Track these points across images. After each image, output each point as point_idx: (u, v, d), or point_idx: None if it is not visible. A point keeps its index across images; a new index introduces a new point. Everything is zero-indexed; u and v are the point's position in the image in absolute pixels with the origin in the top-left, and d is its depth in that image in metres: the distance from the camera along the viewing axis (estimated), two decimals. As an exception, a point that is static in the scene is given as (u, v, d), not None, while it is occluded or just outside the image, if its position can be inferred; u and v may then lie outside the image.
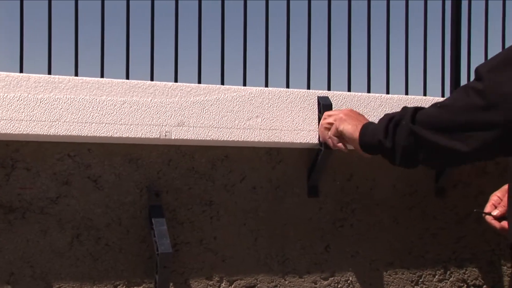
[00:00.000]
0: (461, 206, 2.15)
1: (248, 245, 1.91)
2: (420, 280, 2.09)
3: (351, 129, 1.64)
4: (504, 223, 1.71)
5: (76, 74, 2.54)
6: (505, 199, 1.71)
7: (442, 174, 2.08)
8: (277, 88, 1.90)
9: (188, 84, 1.81)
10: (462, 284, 2.14)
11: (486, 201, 2.13)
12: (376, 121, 1.93)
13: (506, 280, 2.20)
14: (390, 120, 1.47)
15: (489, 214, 1.76)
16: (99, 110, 1.71)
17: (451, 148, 1.33)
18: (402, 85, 3.01)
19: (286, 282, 1.94)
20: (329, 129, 1.77)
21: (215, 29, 2.65)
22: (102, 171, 1.78)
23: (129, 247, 1.80)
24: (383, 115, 1.54)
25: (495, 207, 1.76)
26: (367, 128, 1.59)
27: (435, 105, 1.38)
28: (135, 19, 2.60)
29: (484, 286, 2.17)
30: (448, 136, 1.32)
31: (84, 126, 1.69)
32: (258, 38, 2.76)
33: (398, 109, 1.97)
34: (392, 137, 1.45)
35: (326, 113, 1.81)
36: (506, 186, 1.69)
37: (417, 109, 1.42)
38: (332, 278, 1.98)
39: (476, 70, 1.30)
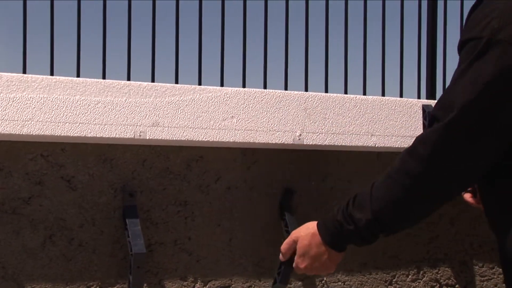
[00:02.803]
0: (434, 206, 2.17)
1: (223, 245, 1.91)
2: (394, 280, 2.11)
3: (336, 261, 1.47)
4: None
5: (52, 74, 2.53)
6: None
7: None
8: (252, 89, 1.90)
9: (163, 84, 1.81)
10: (435, 284, 2.16)
11: (459, 201, 2.16)
12: (351, 122, 1.95)
13: (478, 280, 2.22)
14: (360, 239, 1.37)
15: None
16: (73, 110, 1.70)
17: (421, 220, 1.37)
18: (379, 86, 3.03)
19: (261, 283, 1.94)
20: None
21: (193, 30, 2.65)
22: (75, 171, 1.77)
23: (102, 247, 1.79)
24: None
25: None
26: (336, 247, 1.44)
27: (387, 204, 1.29)
28: (112, 17, 2.58)
29: (457, 286, 2.19)
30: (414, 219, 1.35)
31: (58, 126, 1.68)
32: (236, 38, 2.76)
33: (373, 110, 2.00)
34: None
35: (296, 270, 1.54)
36: None
37: (374, 222, 1.31)
38: (307, 279, 1.99)
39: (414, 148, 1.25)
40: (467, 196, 1.95)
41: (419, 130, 2.06)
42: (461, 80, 1.19)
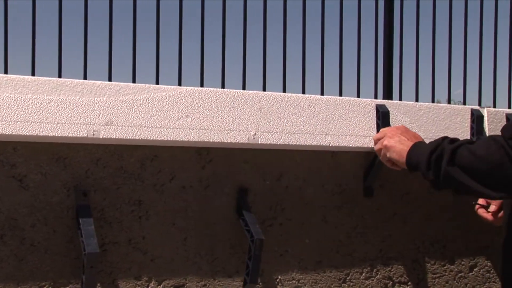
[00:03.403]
0: (387, 205, 2.21)
1: (177, 244, 1.91)
2: (348, 278, 2.13)
3: (397, 156, 1.83)
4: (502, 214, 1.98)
5: (6, 72, 2.49)
6: None
7: (369, 174, 2.12)
8: (207, 88, 1.90)
9: (116, 83, 1.80)
10: (388, 282, 2.20)
11: (412, 200, 2.20)
12: (305, 122, 1.97)
13: (429, 277, 2.26)
14: (432, 153, 1.63)
15: (486, 207, 2.02)
16: (25, 109, 1.69)
17: (482, 192, 1.53)
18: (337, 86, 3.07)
19: (215, 282, 1.95)
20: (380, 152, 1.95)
21: (151, 30, 2.64)
22: (27, 170, 1.75)
23: (55, 247, 1.78)
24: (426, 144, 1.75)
25: (486, 202, 2.04)
26: (412, 153, 1.76)
27: (470, 150, 1.54)
28: (68, 17, 2.56)
29: (409, 283, 2.23)
30: (481, 183, 1.52)
31: (9, 125, 1.66)
32: (194, 37, 2.76)
33: (327, 110, 2.02)
34: (434, 172, 1.63)
35: (376, 137, 2.00)
36: None
37: (454, 150, 1.57)
38: (261, 277, 2.00)
39: (504, 135, 1.47)
40: (481, 211, 2.04)
41: (373, 130, 2.09)
42: None
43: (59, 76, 2.52)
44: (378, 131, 2.07)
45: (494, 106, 3.16)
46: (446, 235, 2.31)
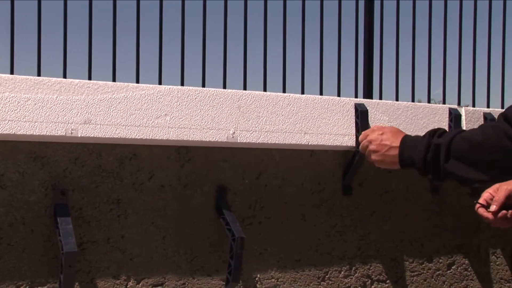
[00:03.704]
0: (366, 204, 2.22)
1: (156, 243, 1.91)
2: (327, 277, 2.14)
3: (389, 166, 1.86)
4: (503, 213, 1.98)
5: (-16, 70, 2.47)
6: (497, 196, 1.97)
7: (348, 172, 2.13)
8: (186, 87, 1.90)
9: (95, 82, 1.80)
10: (366, 280, 2.21)
11: (391, 199, 2.22)
12: (284, 120, 1.98)
13: (408, 275, 2.28)
14: (426, 154, 1.65)
15: (487, 207, 2.01)
16: (2, 107, 1.67)
17: (477, 179, 1.54)
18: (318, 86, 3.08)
19: (194, 280, 1.95)
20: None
21: (131, 28, 2.64)
22: (5, 169, 1.74)
23: (33, 246, 1.77)
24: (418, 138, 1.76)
25: (486, 202, 2.03)
26: (404, 154, 1.78)
27: (465, 139, 1.56)
28: (47, 16, 2.55)
29: (388, 281, 2.24)
30: (475, 169, 1.53)
31: (-15, 123, 1.65)
32: (174, 36, 2.76)
33: (306, 109, 2.03)
34: (433, 172, 1.65)
35: (360, 149, 1.99)
36: (497, 185, 1.95)
37: (448, 144, 1.58)
38: (241, 276, 2.00)
39: (506, 116, 1.48)
40: (482, 211, 2.04)
41: (352, 128, 2.10)
42: None
43: (38, 75, 2.51)
44: (357, 129, 2.08)
45: (473, 106, 3.20)
46: (424, 233, 2.33)
